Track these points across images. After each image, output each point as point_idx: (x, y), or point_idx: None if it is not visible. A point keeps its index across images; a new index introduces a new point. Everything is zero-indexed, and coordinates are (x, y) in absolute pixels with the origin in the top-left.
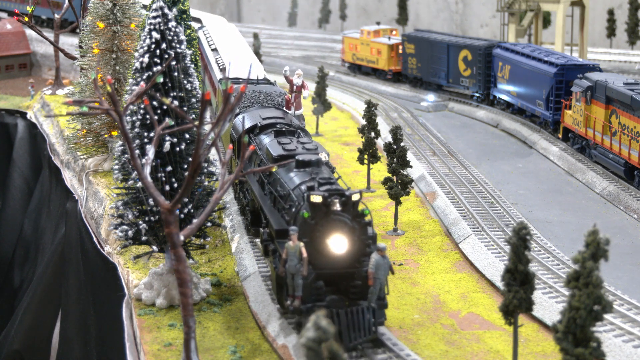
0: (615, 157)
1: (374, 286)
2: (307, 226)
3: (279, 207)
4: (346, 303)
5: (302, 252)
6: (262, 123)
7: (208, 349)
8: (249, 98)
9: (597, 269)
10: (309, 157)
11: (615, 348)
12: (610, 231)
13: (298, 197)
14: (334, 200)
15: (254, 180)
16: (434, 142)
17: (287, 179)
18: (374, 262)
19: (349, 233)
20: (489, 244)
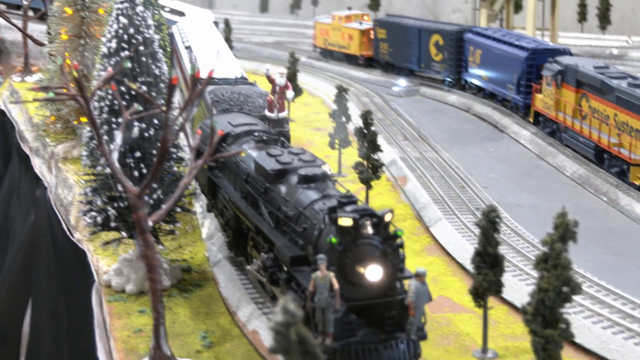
0: (586, 141)
1: (415, 316)
2: (334, 253)
3: (286, 230)
4: (382, 336)
5: (334, 283)
6: (235, 131)
7: (178, 334)
8: (227, 100)
9: (565, 250)
10: (314, 171)
11: (584, 329)
12: (581, 214)
13: (315, 219)
14: (366, 223)
15: (239, 196)
16: (405, 126)
17: (293, 196)
18: (414, 289)
19: (382, 259)
20: (460, 227)
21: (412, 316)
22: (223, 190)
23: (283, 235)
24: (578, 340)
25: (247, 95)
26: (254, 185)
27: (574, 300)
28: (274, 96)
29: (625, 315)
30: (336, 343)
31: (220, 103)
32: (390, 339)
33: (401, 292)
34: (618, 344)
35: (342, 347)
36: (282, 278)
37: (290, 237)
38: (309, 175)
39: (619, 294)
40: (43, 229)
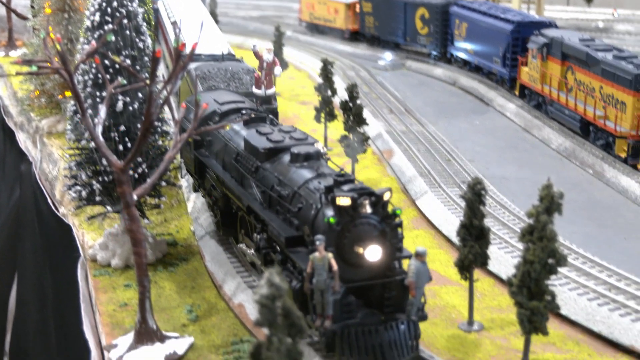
0: (571, 113)
1: (415, 297)
2: (332, 233)
3: (279, 209)
4: (382, 318)
5: (332, 265)
6: (222, 109)
7: (164, 308)
8: (214, 77)
9: (551, 222)
10: (307, 150)
11: (570, 301)
12: (566, 187)
13: (310, 198)
14: (364, 202)
15: (228, 175)
16: (391, 100)
17: (286, 175)
18: (414, 269)
19: (381, 238)
20: (446, 200)
21: (413, 297)
22: (211, 170)
23: (277, 215)
24: (564, 312)
25: (234, 72)
26: (244, 164)
27: (560, 272)
28: (262, 73)
29: (611, 287)
30: (335, 325)
31: (206, 80)
32: (390, 320)
33: (400, 272)
34: (603, 315)
35: (342, 329)
36: (277, 259)
37: (285, 217)
38: (302, 153)
39: (604, 266)
40: (28, 204)
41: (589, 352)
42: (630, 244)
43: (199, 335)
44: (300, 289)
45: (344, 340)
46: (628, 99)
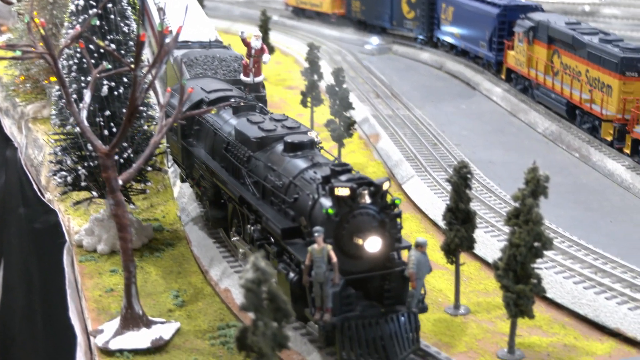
0: (558, 97)
1: (416, 288)
2: (330, 224)
3: (274, 200)
4: (382, 310)
5: (332, 257)
6: (210, 98)
7: (150, 293)
8: (201, 64)
9: (537, 206)
10: (300, 139)
11: (556, 285)
12: (553, 170)
13: (307, 188)
14: (363, 192)
15: (218, 165)
16: (377, 84)
17: (280, 165)
18: (414, 260)
19: (380, 229)
20: (432, 184)
21: (414, 288)
22: (200, 160)
23: (271, 206)
24: (550, 295)
25: (222, 59)
26: (235, 154)
27: (546, 256)
28: (250, 60)
29: (597, 270)
30: (335, 318)
31: (193, 67)
32: (391, 312)
33: (400, 263)
34: (589, 298)
35: (342, 322)
36: (273, 251)
37: (280, 208)
38: (295, 142)
39: (590, 249)
40: (14, 189)
41: (575, 335)
42: (616, 227)
43: (185, 321)
44: (297, 282)
45: (344, 333)
46: (614, 83)
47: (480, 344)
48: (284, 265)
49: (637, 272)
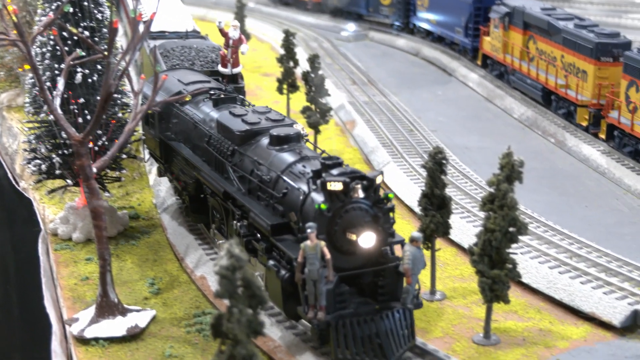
0: (533, 83)
1: (411, 284)
2: (322, 220)
3: (261, 195)
4: (376, 307)
5: (325, 253)
6: (188, 90)
7: (126, 281)
8: (178, 55)
9: (512, 191)
10: (286, 132)
11: (531, 269)
12: (528, 156)
13: (297, 183)
14: (356, 187)
15: (199, 160)
16: (354, 71)
17: (266, 159)
18: (409, 255)
19: (373, 224)
20: (408, 170)
21: (409, 284)
22: (179, 154)
23: (258, 201)
24: (525, 280)
25: (199, 50)
26: (218, 147)
27: (521, 241)
28: (227, 50)
29: (572, 255)
30: (329, 316)
31: (169, 58)
32: (385, 309)
33: (393, 258)
34: (565, 283)
35: (336, 320)
36: (262, 247)
37: (267, 203)
38: (281, 136)
39: (565, 234)
40: None
41: (550, 319)
42: (591, 212)
43: (161, 308)
44: (289, 279)
45: (339, 331)
46: (589, 68)
47: (456, 329)
48: (274, 262)
49: (612, 256)
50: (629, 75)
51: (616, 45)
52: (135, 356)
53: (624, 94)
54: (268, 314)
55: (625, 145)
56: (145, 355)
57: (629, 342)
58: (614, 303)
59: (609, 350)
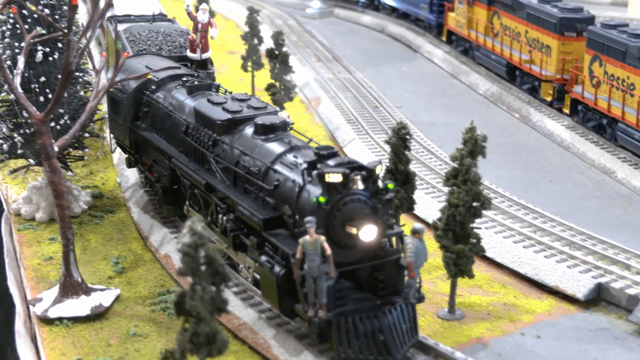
0: (498, 58)
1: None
2: (320, 213)
3: (248, 187)
4: (377, 303)
5: (325, 248)
6: (159, 77)
7: (90, 261)
8: (145, 40)
9: (475, 165)
10: (272, 120)
11: (496, 244)
12: (493, 131)
13: (290, 174)
14: (355, 178)
15: (175, 150)
16: (319, 48)
17: (252, 149)
18: (412, 248)
19: (373, 216)
20: (373, 147)
21: (412, 278)
22: (153, 145)
23: (245, 193)
24: (490, 255)
25: (167, 34)
26: (198, 137)
27: (485, 216)
28: (196, 35)
29: (536, 229)
30: (330, 314)
31: (136, 43)
32: (387, 304)
33: (393, 251)
34: (529, 257)
35: (337, 318)
36: (253, 243)
37: (256, 195)
38: (267, 124)
39: (530, 208)
40: None
41: (515, 293)
42: (555, 186)
43: (126, 287)
44: (284, 276)
45: (341, 329)
46: (553, 43)
47: (421, 304)
48: (267, 258)
49: (576, 230)
50: (593, 50)
51: (580, 20)
52: (100, 335)
53: (588, 68)
54: (233, 292)
55: (589, 120)
56: (109, 334)
57: (592, 315)
58: (578, 276)
59: (573, 323)
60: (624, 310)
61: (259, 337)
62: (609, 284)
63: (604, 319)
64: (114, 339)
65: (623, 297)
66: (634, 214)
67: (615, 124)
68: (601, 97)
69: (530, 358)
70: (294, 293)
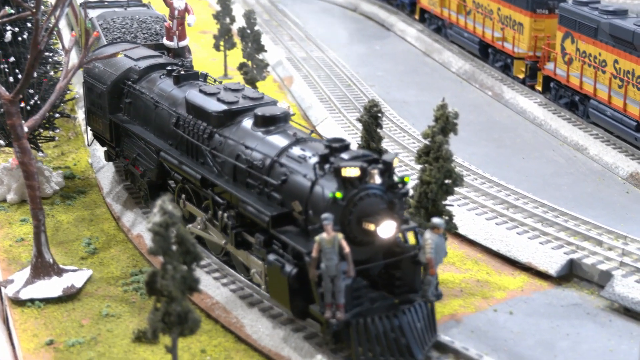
0: (470, 36)
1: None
2: (336, 209)
3: (251, 182)
4: (395, 301)
5: (344, 246)
6: (141, 66)
7: (62, 242)
8: (119, 28)
9: (447, 143)
10: (272, 111)
11: (469, 221)
12: (466, 108)
13: (300, 168)
14: (373, 171)
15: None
16: (292, 27)
17: (253, 142)
18: (432, 244)
19: (391, 211)
20: (346, 125)
21: (433, 275)
22: (138, 137)
23: (246, 188)
24: (462, 232)
25: (142, 21)
26: (191, 130)
27: (458, 193)
28: (173, 22)
29: (509, 206)
30: (348, 314)
31: (110, 31)
32: (405, 303)
33: (409, 247)
34: (502, 234)
35: (356, 318)
36: (259, 240)
37: (260, 190)
38: (267, 116)
39: (502, 185)
40: None
41: (487, 270)
42: (528, 163)
43: (98, 268)
44: (297, 275)
45: (360, 330)
46: (525, 20)
47: None
48: (275, 257)
49: (548, 207)
50: (565, 26)
51: None
52: (72, 316)
53: (560, 45)
54: (205, 271)
55: (562, 97)
56: (82, 314)
57: (564, 291)
58: (550, 253)
59: (545, 299)
60: (596, 286)
61: (231, 316)
62: (581, 260)
63: (576, 294)
64: (86, 320)
65: (595, 273)
66: (606, 190)
67: (587, 101)
68: (573, 74)
69: (503, 334)
70: (305, 293)
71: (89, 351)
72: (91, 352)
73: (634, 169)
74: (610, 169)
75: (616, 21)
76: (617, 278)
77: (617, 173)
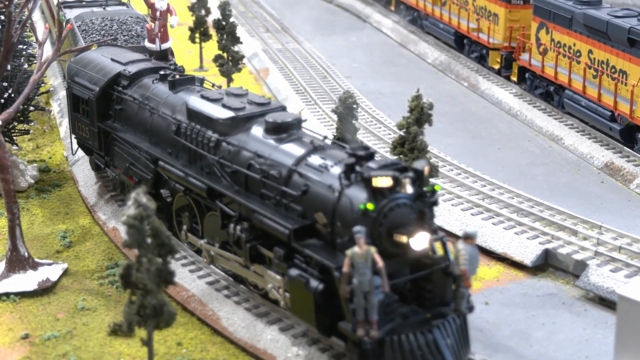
0: (446, 27)
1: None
2: (366, 221)
3: (266, 193)
4: (428, 316)
5: (377, 261)
6: (131, 70)
7: (37, 235)
8: (98, 29)
9: (421, 133)
10: (284, 118)
11: (444, 212)
12: (442, 99)
13: (323, 179)
14: (404, 181)
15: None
16: (267, 19)
17: (267, 150)
18: (465, 254)
19: (421, 221)
20: (322, 117)
21: (468, 287)
22: (132, 146)
23: (261, 199)
24: (438, 223)
25: (122, 22)
26: (195, 138)
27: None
28: (155, 24)
29: (485, 197)
30: (381, 331)
31: (89, 33)
32: (438, 317)
33: (439, 259)
34: (477, 224)
35: (390, 336)
36: (279, 255)
37: (277, 202)
38: (279, 122)
39: (478, 176)
40: None
41: None
42: (503, 154)
43: (74, 261)
44: (323, 291)
45: (395, 348)
46: (500, 11)
47: None
48: (298, 272)
49: (523, 197)
50: (539, 17)
51: None
52: (48, 310)
53: (535, 36)
54: (181, 264)
55: (537, 87)
56: (57, 308)
57: (540, 280)
58: (526, 243)
59: (521, 289)
60: (571, 276)
61: (208, 309)
62: (557, 250)
63: (552, 284)
64: (62, 314)
65: (570, 263)
66: (581, 180)
67: (562, 91)
68: (548, 64)
69: (479, 324)
70: (331, 309)
71: (65, 345)
72: (67, 345)
73: (609, 159)
74: (585, 159)
75: (590, 11)
76: (592, 268)
77: (592, 163)
